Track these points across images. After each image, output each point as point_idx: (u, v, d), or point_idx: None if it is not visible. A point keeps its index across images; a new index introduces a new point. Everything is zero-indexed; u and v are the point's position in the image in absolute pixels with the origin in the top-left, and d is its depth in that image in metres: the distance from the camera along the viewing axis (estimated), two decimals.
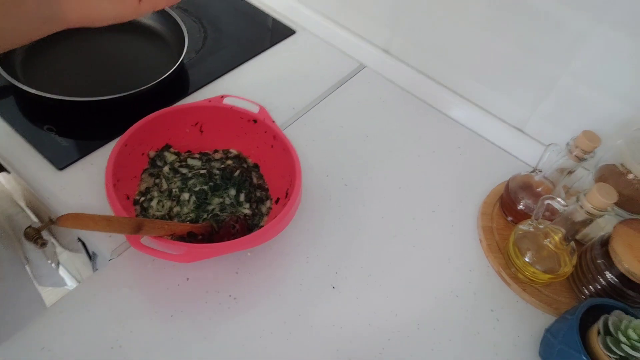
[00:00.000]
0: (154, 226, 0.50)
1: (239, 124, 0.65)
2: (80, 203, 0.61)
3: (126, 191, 0.59)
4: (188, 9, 0.92)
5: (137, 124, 0.59)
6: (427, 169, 0.74)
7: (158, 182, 0.61)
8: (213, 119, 0.65)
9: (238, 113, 0.64)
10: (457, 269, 0.63)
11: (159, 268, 0.57)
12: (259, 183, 0.65)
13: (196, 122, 0.65)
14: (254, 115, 0.64)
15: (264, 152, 0.65)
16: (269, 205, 0.63)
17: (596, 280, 0.58)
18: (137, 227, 0.48)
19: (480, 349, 0.57)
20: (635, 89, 0.63)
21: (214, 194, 0.61)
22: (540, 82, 0.71)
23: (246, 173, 0.64)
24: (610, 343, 0.48)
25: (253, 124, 0.65)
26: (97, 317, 0.52)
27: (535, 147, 0.75)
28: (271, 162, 0.65)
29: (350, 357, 0.54)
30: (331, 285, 0.59)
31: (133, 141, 0.59)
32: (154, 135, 0.62)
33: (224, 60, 0.84)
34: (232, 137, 0.66)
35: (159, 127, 0.62)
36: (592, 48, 0.64)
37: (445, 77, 0.82)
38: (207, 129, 0.66)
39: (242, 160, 0.67)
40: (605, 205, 0.50)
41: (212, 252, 0.52)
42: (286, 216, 0.54)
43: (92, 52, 0.79)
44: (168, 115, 0.62)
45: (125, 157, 0.57)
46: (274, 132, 0.63)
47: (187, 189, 0.61)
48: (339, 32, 0.90)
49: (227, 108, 0.64)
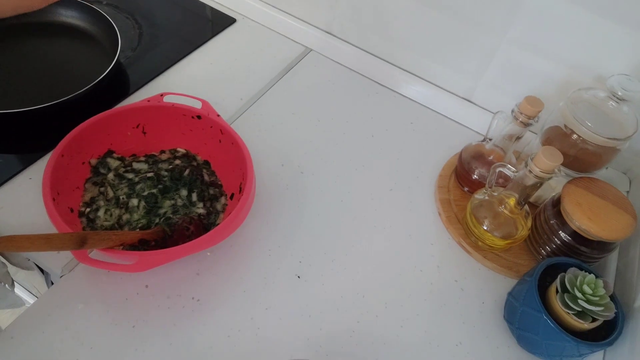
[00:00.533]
0: (100, 238, 0.48)
1: (183, 121, 0.63)
2: (22, 222, 0.57)
3: (69, 204, 0.56)
4: (119, 5, 0.87)
5: (72, 132, 0.56)
6: (382, 147, 0.74)
7: (103, 191, 0.59)
8: (155, 118, 0.62)
9: (180, 110, 0.62)
10: (418, 244, 0.64)
11: (115, 279, 0.54)
12: (212, 180, 0.63)
13: (137, 124, 0.62)
14: (198, 111, 0.62)
15: (213, 148, 0.63)
16: (224, 202, 0.62)
17: (551, 241, 0.60)
18: (81, 241, 0.45)
19: (448, 320, 0.58)
20: (571, 51, 0.65)
21: (165, 197, 0.59)
22: (482, 52, 0.72)
23: (196, 171, 0.62)
24: (568, 300, 0.50)
25: (197, 120, 0.62)
26: (53, 337, 0.50)
27: (484, 115, 0.77)
28: (221, 158, 0.63)
29: (321, 344, 0.54)
30: (296, 274, 0.59)
31: (70, 151, 0.56)
32: (93, 142, 0.59)
33: (163, 55, 0.80)
34: (178, 136, 0.64)
35: (98, 133, 0.59)
36: (527, 14, 0.65)
37: (390, 55, 0.82)
38: (150, 129, 0.63)
39: (191, 159, 0.64)
40: (551, 167, 0.51)
41: (165, 258, 0.50)
42: (241, 212, 0.53)
43: (19, 59, 0.74)
44: (104, 119, 0.59)
45: (63, 169, 0.54)
46: (220, 126, 0.61)
47: (135, 194, 0.58)
48: (280, 17, 0.88)
49: (168, 106, 0.62)
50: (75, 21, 0.79)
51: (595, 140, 0.58)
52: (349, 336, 0.55)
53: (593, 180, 0.60)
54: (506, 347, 0.56)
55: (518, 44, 0.68)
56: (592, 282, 0.51)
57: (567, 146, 0.61)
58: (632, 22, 0.59)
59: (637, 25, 0.59)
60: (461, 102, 0.79)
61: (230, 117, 0.74)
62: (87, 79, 0.66)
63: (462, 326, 0.57)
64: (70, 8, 0.79)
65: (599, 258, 0.60)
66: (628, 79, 0.58)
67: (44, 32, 0.78)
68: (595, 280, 0.51)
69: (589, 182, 0.59)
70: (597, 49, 0.63)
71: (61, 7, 0.79)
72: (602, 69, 0.64)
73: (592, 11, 0.60)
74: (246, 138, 0.60)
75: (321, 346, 0.53)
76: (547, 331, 0.50)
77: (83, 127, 0.57)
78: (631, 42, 0.61)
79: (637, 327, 0.53)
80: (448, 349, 0.55)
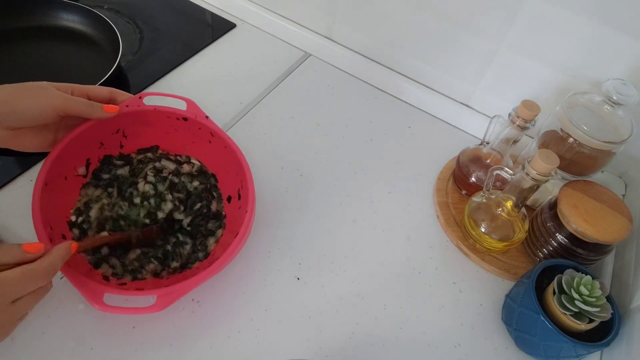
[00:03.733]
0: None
1: (167, 123, 0.61)
2: (22, 224, 0.57)
3: (63, 230, 0.55)
4: (120, 9, 0.88)
5: (49, 157, 0.53)
6: (381, 151, 0.75)
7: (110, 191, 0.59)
8: (135, 124, 0.61)
9: (164, 113, 0.60)
10: (417, 247, 0.64)
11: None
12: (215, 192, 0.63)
13: (117, 129, 0.61)
14: (183, 113, 0.60)
15: (202, 148, 0.63)
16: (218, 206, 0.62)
17: (548, 243, 0.61)
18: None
19: (446, 322, 0.58)
20: (567, 56, 0.66)
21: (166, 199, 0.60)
22: (480, 57, 0.73)
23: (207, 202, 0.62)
24: (565, 301, 0.50)
25: (184, 122, 0.61)
26: (53, 338, 0.50)
27: (482, 120, 0.78)
28: (213, 158, 0.63)
29: (321, 346, 0.54)
30: (295, 277, 0.59)
31: (53, 175, 0.53)
32: (73, 158, 0.57)
33: (164, 60, 0.81)
34: (161, 136, 0.63)
35: (77, 148, 0.57)
36: (524, 20, 0.66)
37: (389, 60, 0.83)
38: (130, 133, 0.62)
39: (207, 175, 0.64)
40: (548, 170, 0.52)
41: (183, 290, 0.48)
42: (246, 232, 0.53)
43: (21, 63, 0.75)
44: (80, 135, 0.56)
45: (51, 197, 0.52)
46: (210, 129, 0.60)
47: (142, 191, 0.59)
48: (280, 22, 0.89)
49: (150, 110, 0.59)
50: (77, 25, 0.80)
51: (591, 144, 0.59)
52: (348, 338, 0.55)
53: (589, 183, 0.61)
54: (504, 348, 0.57)
55: (515, 49, 0.69)
56: (589, 284, 0.51)
57: (564, 149, 0.61)
58: (628, 28, 0.60)
59: (632, 32, 0.60)
60: (459, 106, 0.80)
61: (230, 120, 0.74)
62: (88, 83, 0.65)
63: (461, 328, 0.58)
64: (71, 12, 0.80)
65: (595, 260, 0.60)
66: (623, 83, 0.59)
67: (46, 36, 0.79)
68: (591, 281, 0.52)
69: (585, 185, 0.60)
70: (593, 54, 0.64)
71: (63, 11, 0.80)
72: (597, 73, 0.65)
73: (588, 17, 0.61)
74: (246, 141, 0.61)
75: (320, 347, 0.54)
76: (544, 332, 0.51)
77: (62, 147, 0.54)
78: (626, 48, 0.62)
79: (634, 328, 0.54)
80: (446, 351, 0.56)
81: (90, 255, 0.54)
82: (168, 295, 0.47)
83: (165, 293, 0.47)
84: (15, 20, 0.78)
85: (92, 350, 0.50)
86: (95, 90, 0.56)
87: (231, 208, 0.61)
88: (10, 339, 0.49)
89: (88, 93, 0.55)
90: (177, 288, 0.47)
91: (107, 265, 0.54)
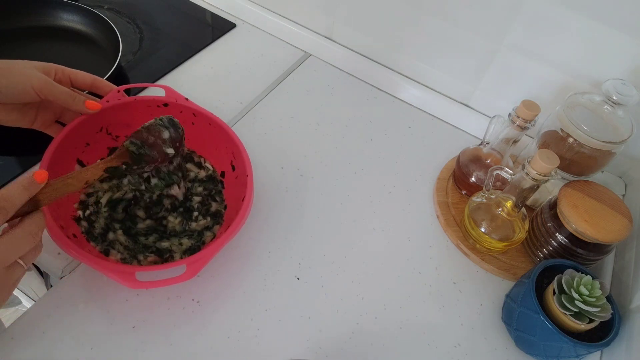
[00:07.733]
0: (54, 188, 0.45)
1: (149, 112, 0.61)
2: None
3: (74, 230, 0.56)
4: (120, 9, 0.88)
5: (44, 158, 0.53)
6: (381, 151, 0.75)
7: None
8: (118, 117, 0.60)
9: (144, 102, 0.61)
10: (417, 247, 0.64)
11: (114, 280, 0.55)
12: None
13: (101, 127, 0.61)
14: (163, 99, 0.61)
15: (188, 132, 0.61)
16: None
17: (548, 243, 0.61)
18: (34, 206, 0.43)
19: (446, 322, 0.58)
20: (567, 56, 0.66)
21: None
22: (479, 57, 0.73)
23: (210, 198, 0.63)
24: (565, 301, 0.51)
25: (165, 107, 0.61)
26: (53, 338, 0.50)
27: (482, 119, 0.78)
28: (200, 140, 0.63)
29: (321, 345, 0.54)
30: (295, 276, 0.59)
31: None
32: (63, 162, 0.56)
33: (164, 59, 0.81)
34: None
35: (65, 152, 0.56)
36: (524, 20, 0.66)
37: (389, 59, 0.83)
38: (114, 130, 0.62)
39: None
40: (547, 170, 0.52)
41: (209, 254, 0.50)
42: (246, 209, 0.53)
43: None
44: (65, 138, 0.55)
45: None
46: (192, 110, 0.61)
47: None
48: (279, 22, 0.89)
49: (130, 101, 0.60)
50: (77, 25, 0.80)
51: (591, 144, 0.59)
52: (348, 337, 0.55)
53: (589, 183, 0.61)
54: (504, 348, 0.57)
55: (515, 49, 0.69)
56: (589, 284, 0.51)
57: (564, 150, 0.61)
58: (628, 28, 0.60)
59: (632, 31, 0.60)
60: (459, 106, 0.80)
61: (230, 120, 0.74)
62: None
63: (461, 328, 0.58)
64: (72, 12, 0.80)
65: (595, 260, 0.60)
66: (623, 83, 0.59)
67: (46, 36, 0.79)
68: (591, 281, 0.52)
69: (585, 185, 0.60)
70: (593, 54, 0.64)
71: (63, 11, 0.80)
72: (597, 73, 0.65)
73: (588, 17, 0.61)
74: (246, 141, 0.60)
75: (320, 347, 0.54)
76: (544, 332, 0.51)
77: (53, 149, 0.54)
78: (626, 48, 0.62)
79: (633, 328, 0.54)
80: (446, 351, 0.56)
81: (100, 244, 0.56)
82: (197, 262, 0.49)
83: (194, 260, 0.49)
84: (15, 20, 0.78)
85: (92, 350, 0.50)
86: (78, 74, 0.57)
87: (228, 181, 0.62)
88: (11, 338, 0.49)
89: (71, 76, 0.56)
90: (203, 254, 0.50)
91: (115, 251, 0.56)
